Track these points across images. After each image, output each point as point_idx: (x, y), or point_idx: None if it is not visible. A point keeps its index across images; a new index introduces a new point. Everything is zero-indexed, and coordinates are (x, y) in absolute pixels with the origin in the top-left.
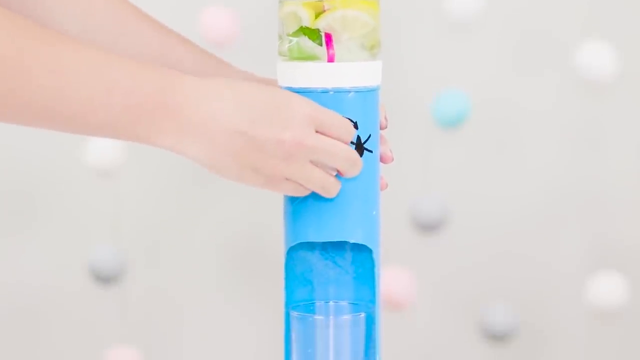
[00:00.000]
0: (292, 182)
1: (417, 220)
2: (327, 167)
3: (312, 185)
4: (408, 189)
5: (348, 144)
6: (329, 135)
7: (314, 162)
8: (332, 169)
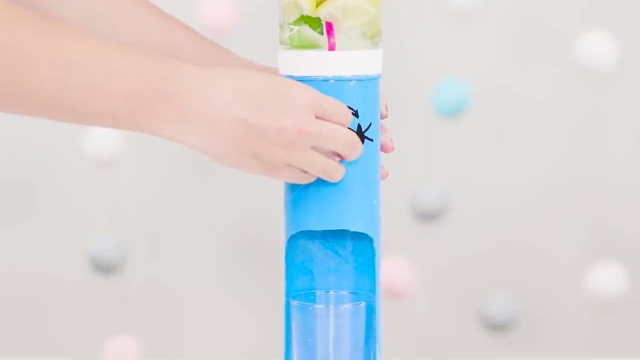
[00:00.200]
0: (293, 168)
1: (417, 210)
2: (328, 152)
3: (314, 171)
4: (408, 178)
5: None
6: (329, 121)
7: (315, 148)
8: (333, 155)
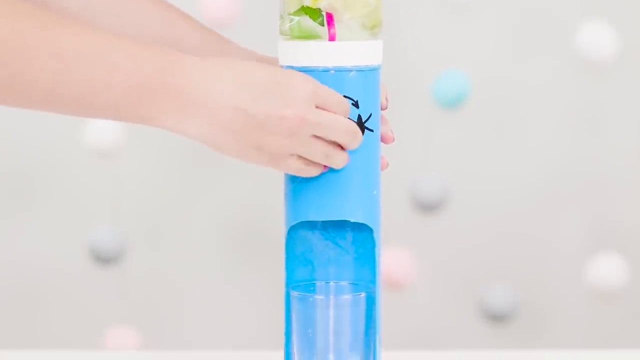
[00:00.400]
0: (295, 158)
1: (417, 200)
2: (329, 142)
3: (317, 157)
4: (408, 169)
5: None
6: (329, 111)
7: (316, 137)
8: (333, 144)
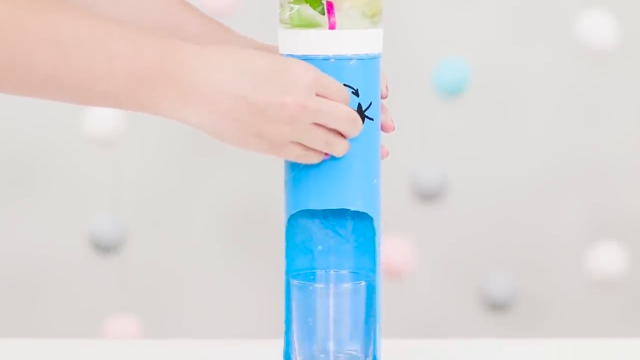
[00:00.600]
0: (296, 145)
1: (417, 189)
2: (329, 130)
3: (318, 144)
4: (408, 158)
5: None
6: (329, 99)
7: (317, 125)
8: (334, 132)
